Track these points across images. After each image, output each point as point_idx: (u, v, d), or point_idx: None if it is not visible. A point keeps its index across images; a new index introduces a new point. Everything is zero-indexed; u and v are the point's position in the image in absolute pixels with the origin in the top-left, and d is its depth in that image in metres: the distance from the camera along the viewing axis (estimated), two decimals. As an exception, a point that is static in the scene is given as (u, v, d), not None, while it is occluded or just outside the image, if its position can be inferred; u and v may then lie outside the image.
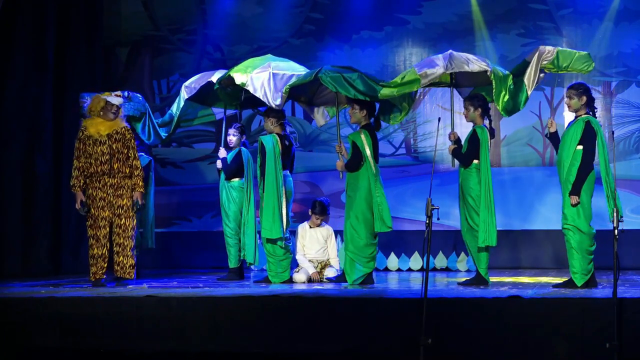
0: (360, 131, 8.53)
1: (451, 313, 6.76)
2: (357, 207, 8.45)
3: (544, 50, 8.18)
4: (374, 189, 8.42)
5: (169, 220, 11.83)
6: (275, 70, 8.72)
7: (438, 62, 8.32)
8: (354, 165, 8.48)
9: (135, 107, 9.12)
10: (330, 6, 11.70)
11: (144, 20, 12.04)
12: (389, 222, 8.45)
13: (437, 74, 8.31)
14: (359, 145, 8.43)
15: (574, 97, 7.89)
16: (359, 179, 8.47)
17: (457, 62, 8.29)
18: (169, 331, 7.08)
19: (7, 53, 10.56)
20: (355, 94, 8.35)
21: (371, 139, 8.49)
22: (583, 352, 6.46)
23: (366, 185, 8.44)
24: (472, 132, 8.40)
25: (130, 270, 8.54)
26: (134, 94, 9.19)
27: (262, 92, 8.64)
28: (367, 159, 8.43)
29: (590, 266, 7.79)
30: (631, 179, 10.90)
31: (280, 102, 8.63)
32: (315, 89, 9.20)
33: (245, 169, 9.21)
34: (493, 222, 8.21)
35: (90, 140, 8.48)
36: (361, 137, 8.46)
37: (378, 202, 8.41)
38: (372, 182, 8.43)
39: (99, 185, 8.50)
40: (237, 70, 8.83)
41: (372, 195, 8.41)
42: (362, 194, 8.44)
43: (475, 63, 8.29)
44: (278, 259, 8.89)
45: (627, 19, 11.03)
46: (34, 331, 7.22)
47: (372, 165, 8.43)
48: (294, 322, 6.94)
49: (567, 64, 8.16)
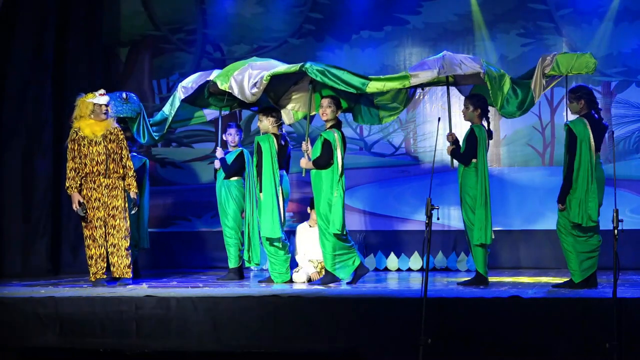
0: (332, 129, 8.50)
1: (451, 313, 6.76)
2: (323, 207, 8.42)
3: (545, 59, 8.19)
4: (334, 190, 8.36)
5: (168, 220, 11.82)
6: (253, 69, 8.70)
7: (431, 66, 8.31)
8: (322, 161, 8.41)
9: (132, 108, 9.09)
10: (330, 6, 11.69)
11: (143, 20, 12.03)
12: (337, 227, 8.32)
13: (428, 76, 8.31)
14: (332, 143, 8.40)
15: (573, 101, 7.95)
16: (323, 178, 8.43)
17: (449, 66, 8.26)
18: (168, 331, 7.08)
19: (6, 53, 10.56)
20: (341, 85, 8.34)
21: (342, 139, 8.48)
22: (583, 352, 6.46)
23: (330, 184, 8.40)
24: (470, 131, 8.41)
25: (127, 270, 8.53)
26: (130, 95, 9.17)
27: (238, 89, 8.64)
28: (336, 159, 8.40)
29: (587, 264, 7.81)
30: (631, 179, 10.89)
31: (257, 90, 8.59)
32: (285, 89, 9.21)
33: (247, 169, 9.21)
34: (489, 220, 8.24)
35: (85, 141, 8.46)
36: (334, 135, 8.43)
37: (333, 204, 8.36)
38: (335, 182, 8.39)
39: (93, 186, 8.49)
40: (218, 77, 8.84)
41: (331, 195, 8.38)
42: (325, 194, 8.41)
43: (468, 65, 8.27)
44: (280, 259, 8.89)
45: (627, 19, 11.03)
46: (33, 331, 7.21)
47: (340, 165, 8.39)
48: (294, 322, 6.94)
49: (568, 68, 8.15)
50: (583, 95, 7.90)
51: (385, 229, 11.38)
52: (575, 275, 7.81)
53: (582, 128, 7.78)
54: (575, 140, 7.78)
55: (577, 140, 7.76)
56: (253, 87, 8.59)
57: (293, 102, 9.33)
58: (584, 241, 7.85)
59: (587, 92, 7.95)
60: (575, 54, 8.30)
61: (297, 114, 9.38)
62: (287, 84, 9.10)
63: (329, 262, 8.45)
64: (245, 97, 8.69)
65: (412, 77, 8.27)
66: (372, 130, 11.32)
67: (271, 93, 9.23)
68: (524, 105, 8.30)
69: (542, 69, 8.15)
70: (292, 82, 9.03)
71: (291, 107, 9.35)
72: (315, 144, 8.52)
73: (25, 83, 10.62)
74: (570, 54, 8.35)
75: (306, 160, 8.51)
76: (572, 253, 7.83)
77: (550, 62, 8.13)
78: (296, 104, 9.32)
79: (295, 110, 9.34)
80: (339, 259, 8.43)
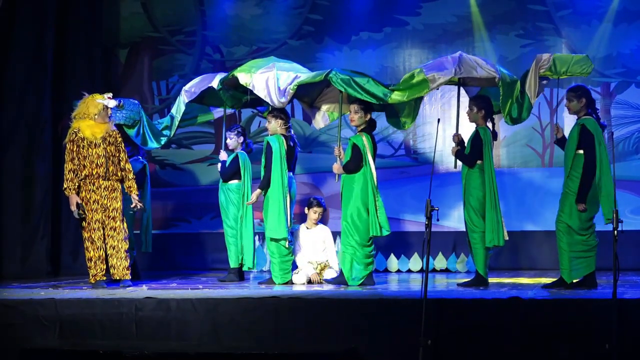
0: (361, 134, 8.52)
1: (450, 314, 6.75)
2: (353, 208, 8.44)
3: (541, 59, 8.16)
4: (372, 193, 8.40)
5: (168, 222, 11.82)
6: (280, 71, 8.74)
7: (448, 66, 8.28)
8: (352, 166, 8.46)
9: (128, 115, 9.04)
10: (330, 7, 11.70)
11: (143, 22, 12.03)
12: (387, 227, 8.45)
13: (446, 79, 8.29)
14: (361, 148, 8.43)
15: (573, 99, 7.93)
16: (356, 181, 8.46)
17: (466, 67, 8.25)
18: (168, 333, 7.07)
19: (6, 54, 10.56)
20: (364, 95, 8.35)
21: (372, 143, 8.51)
22: (583, 353, 6.46)
23: (364, 187, 8.42)
24: (475, 133, 8.40)
25: (126, 272, 8.52)
26: (127, 101, 9.12)
27: (265, 91, 8.65)
28: (367, 162, 8.43)
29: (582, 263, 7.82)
30: (631, 180, 10.89)
31: (286, 100, 8.64)
32: (319, 91, 9.21)
33: (243, 173, 9.21)
34: (500, 222, 8.23)
35: (85, 143, 8.45)
36: (363, 140, 8.46)
37: (377, 206, 8.40)
38: (370, 185, 8.41)
39: (92, 188, 8.47)
40: (240, 71, 8.86)
41: (370, 198, 8.39)
42: (358, 196, 8.43)
43: (484, 68, 8.26)
44: (282, 260, 8.90)
45: (626, 20, 11.04)
46: (33, 332, 7.20)
47: (372, 168, 8.43)
48: (294, 323, 6.94)
49: (565, 68, 8.15)
50: (584, 94, 7.91)
51: (385, 230, 11.37)
52: (565, 273, 7.85)
53: (596, 126, 7.78)
54: (591, 138, 7.76)
55: (594, 138, 7.75)
56: (282, 96, 8.60)
57: (328, 104, 9.29)
58: (583, 240, 7.85)
59: (587, 90, 7.97)
60: (573, 55, 8.30)
61: (332, 115, 9.35)
62: (319, 87, 9.08)
63: (347, 265, 8.49)
64: (272, 102, 8.71)
65: (431, 82, 8.24)
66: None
67: (305, 98, 9.24)
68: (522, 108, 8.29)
69: (538, 69, 8.14)
70: (324, 85, 9.00)
71: (326, 109, 9.33)
72: (346, 149, 8.54)
73: (25, 83, 10.62)
74: (567, 55, 8.36)
75: (338, 165, 8.53)
76: (566, 252, 7.86)
77: (547, 61, 8.12)
78: (331, 105, 9.26)
79: (331, 112, 9.30)
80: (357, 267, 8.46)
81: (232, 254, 9.33)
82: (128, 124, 9.06)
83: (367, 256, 8.52)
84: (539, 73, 8.14)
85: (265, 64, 8.86)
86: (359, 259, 8.48)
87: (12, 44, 10.59)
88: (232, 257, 9.34)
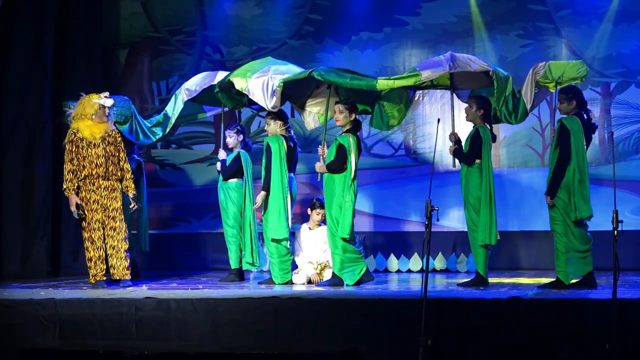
0: (348, 134, 8.50)
1: (450, 314, 6.75)
2: (336, 208, 8.42)
3: (536, 66, 8.29)
4: (345, 194, 8.36)
5: (168, 222, 11.82)
6: (274, 74, 8.74)
7: (441, 63, 8.33)
8: (336, 166, 8.42)
9: (119, 112, 9.05)
10: (330, 7, 11.70)
11: (143, 22, 12.04)
12: (346, 232, 8.34)
13: (440, 73, 8.31)
14: (346, 148, 8.40)
15: (564, 101, 8.03)
16: (336, 182, 8.43)
17: (460, 62, 8.30)
18: (168, 333, 7.08)
19: (6, 54, 10.56)
20: (350, 82, 8.36)
21: (357, 144, 8.49)
22: (582, 353, 6.46)
23: (342, 189, 8.40)
24: (474, 131, 8.40)
25: (126, 272, 8.52)
26: (116, 97, 9.10)
27: (260, 95, 8.67)
28: (349, 164, 8.40)
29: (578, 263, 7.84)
30: (631, 180, 10.89)
31: (275, 101, 8.64)
32: (309, 92, 9.21)
33: (245, 172, 9.21)
34: (493, 221, 8.24)
35: (84, 143, 8.45)
36: (349, 140, 8.43)
37: (344, 208, 8.37)
38: (346, 186, 8.39)
39: (92, 188, 8.47)
40: (236, 75, 8.86)
41: (342, 199, 8.38)
42: (337, 198, 8.41)
43: (477, 63, 8.32)
44: (281, 260, 8.90)
45: (626, 20, 11.04)
46: (33, 333, 7.21)
47: (353, 170, 8.40)
48: (294, 322, 6.94)
49: (560, 74, 8.22)
50: (574, 96, 7.99)
51: (384, 230, 11.38)
52: (561, 274, 7.86)
53: (577, 125, 7.82)
54: (567, 135, 7.82)
55: (569, 135, 7.80)
56: (272, 99, 8.62)
57: (318, 106, 9.29)
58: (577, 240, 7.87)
59: (578, 92, 8.03)
60: (567, 62, 8.39)
61: (321, 117, 9.37)
62: (309, 89, 9.10)
63: (337, 265, 8.46)
64: (266, 106, 8.73)
65: (422, 75, 8.28)
66: (371, 132, 11.32)
67: (297, 100, 9.25)
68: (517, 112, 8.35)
69: (534, 75, 8.23)
70: (314, 86, 9.02)
71: (317, 111, 9.33)
72: (330, 148, 8.53)
73: (25, 83, 10.62)
74: (562, 62, 8.45)
75: (321, 164, 8.52)
76: (562, 254, 7.88)
77: (542, 67, 8.23)
78: (321, 107, 9.27)
79: (321, 114, 9.32)
80: (347, 264, 8.44)
81: (232, 255, 9.33)
82: (119, 120, 9.06)
83: (354, 252, 8.48)
84: (535, 79, 8.23)
85: (261, 67, 8.86)
86: (349, 260, 8.44)
87: (12, 44, 10.60)
88: (232, 258, 9.34)
